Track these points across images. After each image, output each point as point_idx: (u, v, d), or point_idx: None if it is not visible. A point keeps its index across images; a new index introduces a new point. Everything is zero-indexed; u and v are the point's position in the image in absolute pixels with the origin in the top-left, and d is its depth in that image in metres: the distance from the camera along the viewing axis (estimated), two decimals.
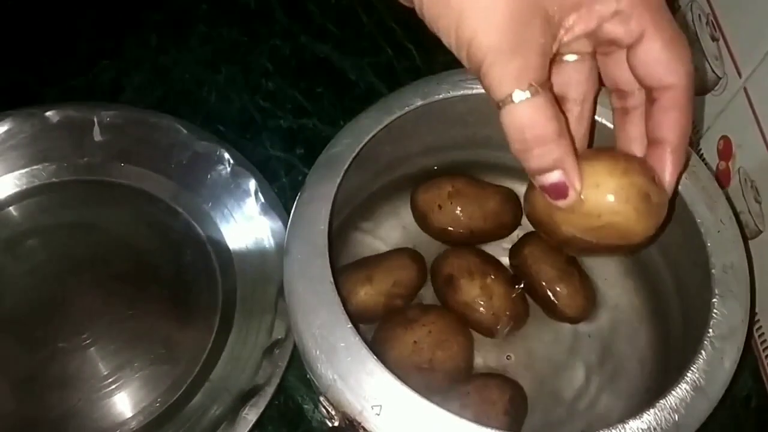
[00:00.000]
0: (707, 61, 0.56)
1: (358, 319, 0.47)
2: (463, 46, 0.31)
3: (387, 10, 0.67)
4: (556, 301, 0.48)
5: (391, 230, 0.53)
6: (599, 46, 0.35)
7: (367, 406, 0.35)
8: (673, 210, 0.42)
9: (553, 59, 0.34)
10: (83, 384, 0.49)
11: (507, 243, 0.52)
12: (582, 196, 0.35)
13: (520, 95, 0.31)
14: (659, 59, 0.34)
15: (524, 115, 0.32)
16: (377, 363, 0.36)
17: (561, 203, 0.35)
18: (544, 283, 0.48)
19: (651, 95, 0.35)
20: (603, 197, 0.35)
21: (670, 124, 0.35)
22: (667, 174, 0.36)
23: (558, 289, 0.48)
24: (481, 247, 0.52)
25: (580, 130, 0.38)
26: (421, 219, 0.51)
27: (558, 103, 0.34)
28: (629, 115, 0.38)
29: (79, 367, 0.50)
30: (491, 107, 0.34)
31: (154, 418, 0.48)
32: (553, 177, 0.33)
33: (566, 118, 0.36)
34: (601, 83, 0.38)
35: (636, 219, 0.35)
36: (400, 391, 0.36)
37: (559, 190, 0.34)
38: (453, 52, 0.32)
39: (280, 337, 0.50)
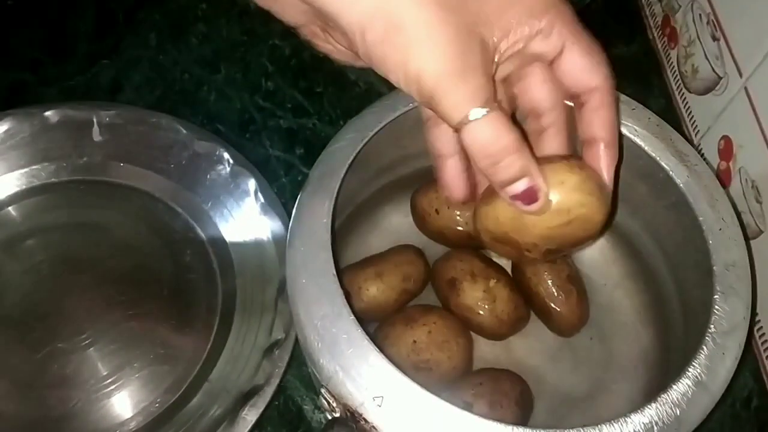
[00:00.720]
0: (708, 60, 0.56)
1: (368, 316, 0.48)
2: (413, 81, 0.33)
3: None
4: (551, 316, 0.48)
5: (392, 231, 0.53)
6: (525, 64, 0.38)
7: (369, 397, 0.35)
8: (617, 202, 0.46)
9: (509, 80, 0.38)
10: (83, 384, 0.49)
11: None
12: (550, 197, 0.36)
13: (476, 113, 0.33)
14: (582, 65, 0.37)
15: (486, 130, 0.33)
16: (379, 355, 0.36)
17: (533, 207, 0.36)
18: (542, 297, 0.48)
19: (579, 101, 0.38)
20: (570, 193, 0.37)
21: (601, 122, 0.38)
22: (605, 168, 0.39)
23: (555, 305, 0.48)
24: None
25: (560, 136, 0.41)
26: (420, 221, 0.51)
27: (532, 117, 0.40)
28: (545, 133, 0.40)
29: (79, 368, 0.50)
30: None
31: (154, 419, 0.48)
32: (522, 184, 0.35)
33: (523, 131, 0.39)
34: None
35: (598, 208, 0.38)
36: (401, 383, 0.36)
37: (530, 196, 0.36)
38: (402, 88, 0.34)
39: (279, 337, 0.50)
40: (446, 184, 0.42)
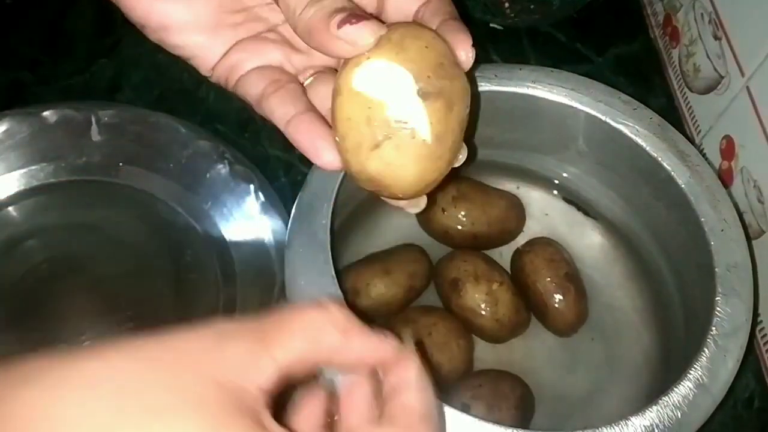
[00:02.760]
0: (710, 60, 0.55)
1: (374, 314, 0.48)
2: None
3: None
4: (548, 314, 0.48)
5: (392, 231, 0.53)
6: None
7: None
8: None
9: None
10: None
11: (506, 249, 0.52)
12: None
13: None
14: None
15: None
16: None
17: (365, 30, 0.31)
18: (539, 294, 0.48)
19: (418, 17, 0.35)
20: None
21: (438, 7, 0.35)
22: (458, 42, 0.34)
23: (552, 302, 0.48)
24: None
25: None
26: (424, 220, 0.51)
27: None
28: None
29: None
30: (492, 107, 0.33)
31: None
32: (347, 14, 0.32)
33: None
34: None
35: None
36: None
37: (355, 16, 0.31)
38: None
39: None
40: (310, 146, 0.34)
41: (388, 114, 0.31)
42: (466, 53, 0.33)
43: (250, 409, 0.25)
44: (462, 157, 0.34)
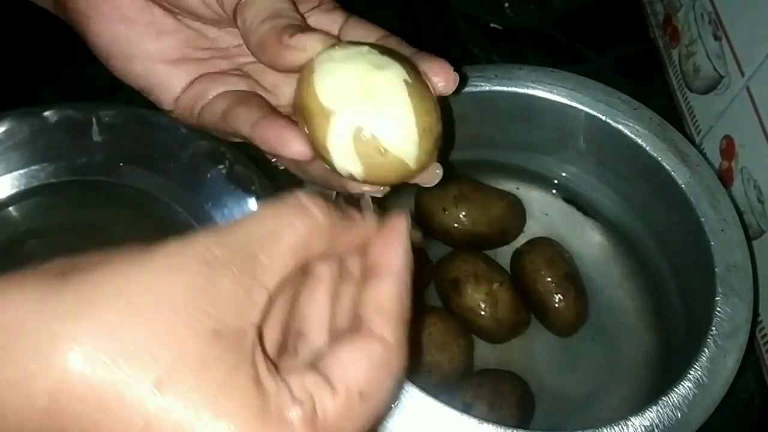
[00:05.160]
0: (710, 59, 0.55)
1: None
2: None
3: (385, 7, 0.67)
4: (548, 314, 0.48)
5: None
6: None
7: None
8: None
9: None
10: None
11: (506, 249, 0.52)
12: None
13: None
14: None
15: None
16: None
17: (310, 38, 0.32)
18: (539, 294, 0.48)
19: None
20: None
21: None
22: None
23: (552, 302, 0.48)
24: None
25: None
26: (426, 219, 0.51)
27: None
28: None
29: None
30: (492, 106, 0.33)
31: None
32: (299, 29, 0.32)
33: None
34: None
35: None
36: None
37: (304, 27, 0.32)
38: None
39: None
40: (278, 139, 0.34)
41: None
42: (446, 81, 0.32)
43: (248, 361, 0.23)
44: (439, 172, 0.34)
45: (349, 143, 0.30)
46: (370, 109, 0.30)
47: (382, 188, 0.34)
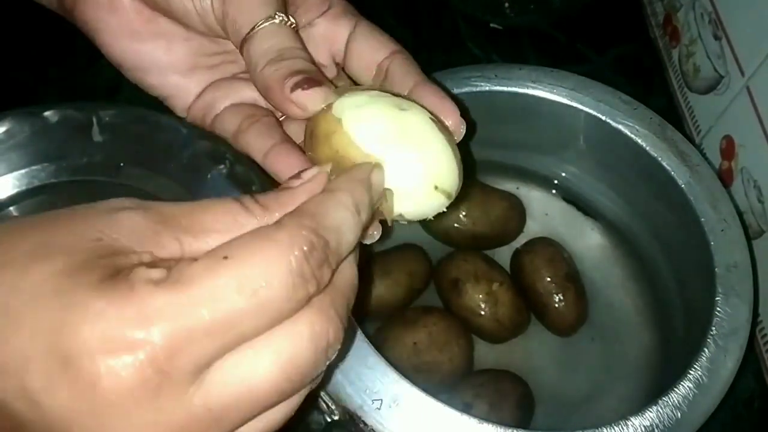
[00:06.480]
0: (710, 59, 0.55)
1: (373, 315, 0.48)
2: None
3: (385, 6, 0.67)
4: (548, 314, 0.48)
5: (392, 230, 0.53)
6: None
7: (368, 400, 0.35)
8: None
9: None
10: None
11: (506, 249, 0.52)
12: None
13: (267, 20, 0.32)
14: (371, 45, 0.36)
15: (277, 32, 0.33)
16: (377, 357, 0.36)
17: (313, 95, 0.32)
18: (539, 294, 0.48)
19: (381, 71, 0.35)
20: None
21: (407, 71, 0.34)
22: (433, 96, 0.34)
23: (552, 302, 0.48)
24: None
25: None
26: (425, 220, 0.51)
27: None
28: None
29: None
30: (492, 106, 0.33)
31: None
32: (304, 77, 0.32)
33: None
34: None
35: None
36: (400, 386, 0.36)
37: (310, 81, 0.32)
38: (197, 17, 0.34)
39: None
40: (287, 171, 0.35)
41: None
42: (455, 125, 0.33)
43: (110, 266, 0.22)
44: (376, 234, 0.33)
45: (404, 185, 0.30)
46: (417, 151, 0.30)
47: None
